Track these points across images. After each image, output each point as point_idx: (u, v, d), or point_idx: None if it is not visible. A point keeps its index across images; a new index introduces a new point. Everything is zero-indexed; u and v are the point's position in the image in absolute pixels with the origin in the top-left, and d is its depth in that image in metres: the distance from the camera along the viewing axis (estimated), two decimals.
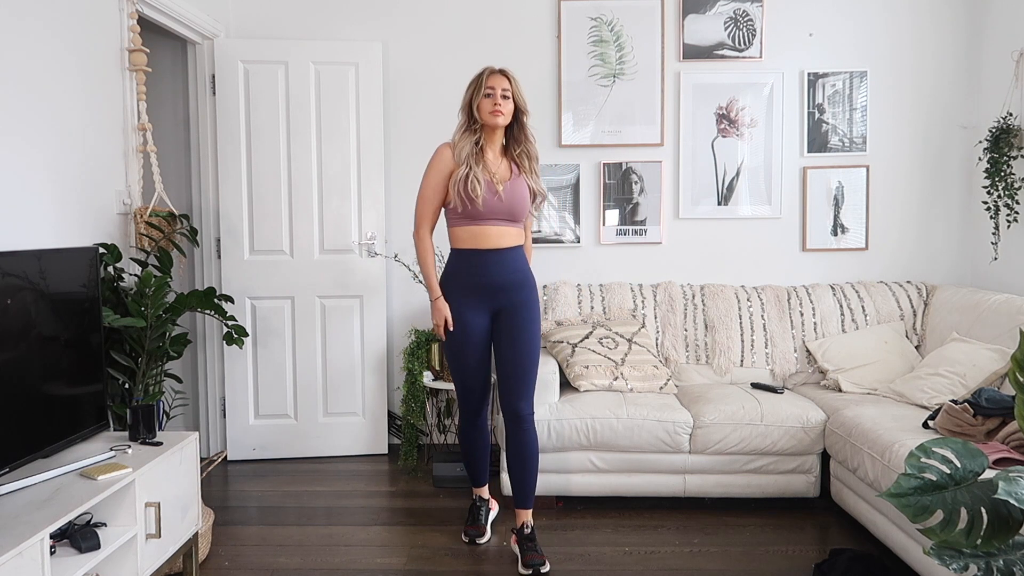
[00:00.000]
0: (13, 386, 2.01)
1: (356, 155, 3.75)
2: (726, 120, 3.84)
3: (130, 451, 2.29)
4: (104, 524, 2.10)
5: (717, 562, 2.66)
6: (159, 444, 2.36)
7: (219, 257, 3.72)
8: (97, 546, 1.97)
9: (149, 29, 3.24)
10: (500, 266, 2.62)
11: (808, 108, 3.83)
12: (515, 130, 2.67)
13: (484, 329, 2.67)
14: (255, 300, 3.73)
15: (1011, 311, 3.07)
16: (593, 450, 3.06)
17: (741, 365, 3.55)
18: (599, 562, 2.66)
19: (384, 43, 3.81)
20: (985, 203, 3.53)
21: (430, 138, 3.85)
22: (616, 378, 3.27)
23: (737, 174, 3.85)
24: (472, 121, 2.63)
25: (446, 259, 2.77)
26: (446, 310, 2.64)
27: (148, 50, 3.00)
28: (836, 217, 3.87)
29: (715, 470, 3.06)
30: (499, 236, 2.62)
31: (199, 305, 2.85)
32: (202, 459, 3.44)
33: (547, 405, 3.06)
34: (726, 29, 3.80)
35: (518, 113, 2.65)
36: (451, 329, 2.64)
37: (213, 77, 3.65)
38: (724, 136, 3.84)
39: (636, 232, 3.87)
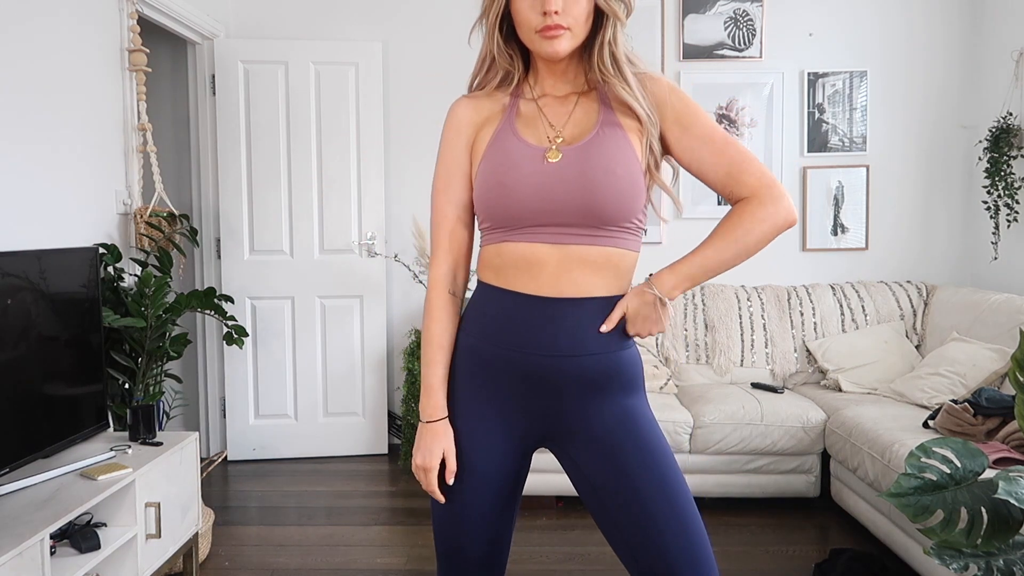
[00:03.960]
0: (13, 386, 2.01)
1: (356, 155, 3.74)
2: (726, 120, 3.84)
3: (130, 451, 2.29)
4: (104, 524, 2.10)
5: (717, 562, 2.65)
6: (159, 444, 2.36)
7: (219, 257, 3.72)
8: (97, 546, 1.97)
9: (149, 29, 3.24)
10: (561, 336, 1.26)
11: (808, 108, 3.83)
12: (596, 54, 1.28)
13: (503, 468, 1.33)
14: (255, 300, 3.73)
15: (1011, 311, 3.07)
16: None
17: (741, 365, 3.55)
18: (599, 562, 2.66)
19: (384, 43, 3.80)
20: (985, 203, 3.53)
21: (430, 139, 3.86)
22: None
23: None
24: (500, 57, 1.32)
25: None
26: (446, 440, 1.30)
27: (148, 50, 3.00)
28: (836, 217, 3.87)
29: (715, 470, 3.05)
30: (561, 266, 1.25)
31: (199, 305, 2.85)
32: (202, 459, 3.44)
33: None
34: (726, 29, 3.80)
35: (602, 18, 1.26)
36: (448, 482, 1.30)
37: (213, 77, 3.65)
38: None
39: None
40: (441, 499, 1.31)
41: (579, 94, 1.33)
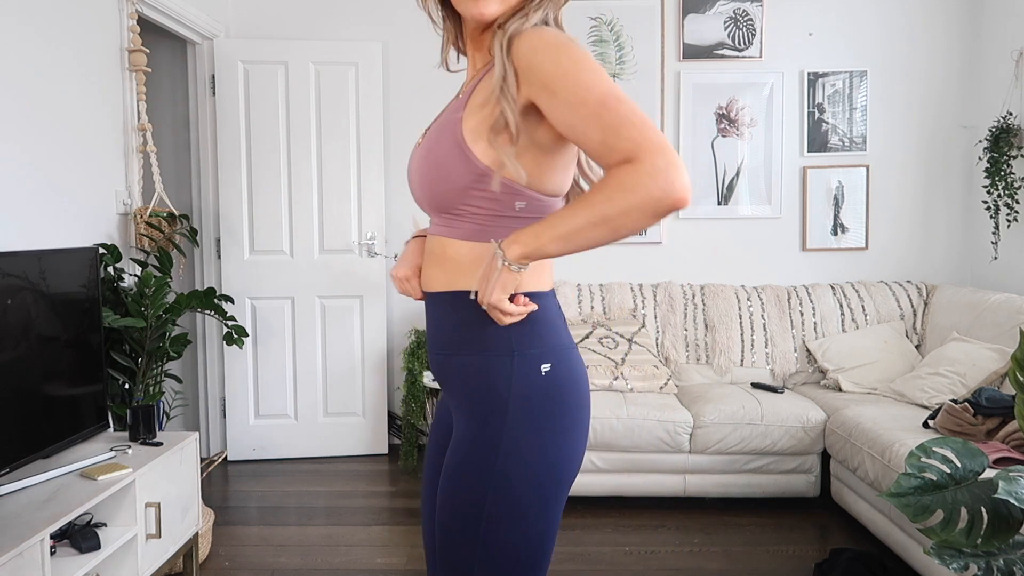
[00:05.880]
0: (13, 386, 2.01)
1: (356, 155, 3.74)
2: (726, 120, 3.84)
3: (130, 451, 2.29)
4: (104, 524, 2.10)
5: (717, 562, 2.66)
6: (159, 444, 2.36)
7: (219, 257, 3.72)
8: (97, 546, 1.97)
9: (149, 29, 3.24)
10: (430, 332, 1.25)
11: (808, 108, 3.83)
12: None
13: (443, 436, 1.30)
14: (255, 300, 3.73)
15: (1011, 311, 3.07)
16: (593, 450, 3.06)
17: (741, 365, 3.55)
18: (599, 562, 2.66)
19: (384, 43, 3.80)
20: (985, 203, 3.53)
21: None
22: (616, 378, 3.27)
23: (737, 174, 3.85)
24: (435, 17, 1.26)
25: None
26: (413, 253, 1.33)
27: (148, 50, 3.00)
28: (836, 217, 3.87)
29: (715, 470, 3.05)
30: (426, 258, 1.25)
31: (199, 305, 2.85)
32: (202, 459, 3.44)
33: None
34: (726, 29, 3.80)
35: None
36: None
37: (213, 77, 3.65)
38: (724, 136, 3.84)
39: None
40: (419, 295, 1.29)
41: (488, 70, 1.15)
